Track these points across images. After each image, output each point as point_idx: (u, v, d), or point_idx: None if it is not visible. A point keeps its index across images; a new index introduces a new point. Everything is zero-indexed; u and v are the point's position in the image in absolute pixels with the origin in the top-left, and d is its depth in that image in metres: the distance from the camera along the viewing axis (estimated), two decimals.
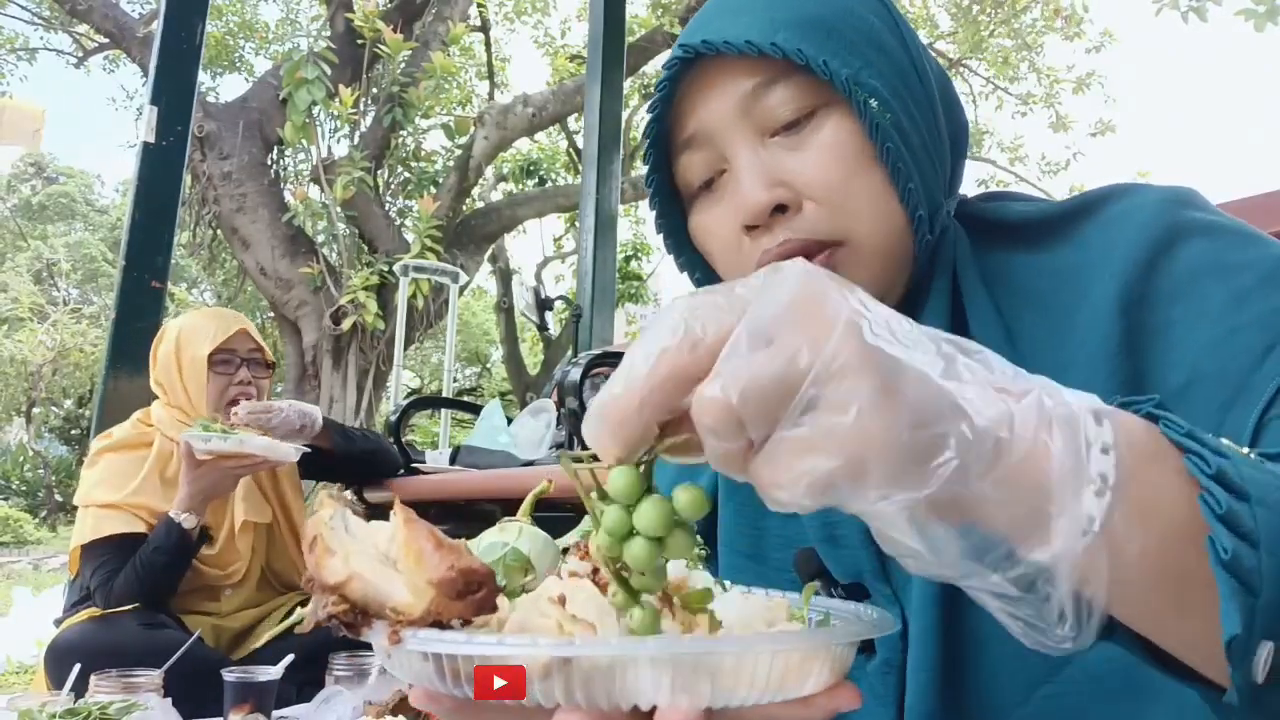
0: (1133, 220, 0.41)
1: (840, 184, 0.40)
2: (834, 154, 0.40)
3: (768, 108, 0.41)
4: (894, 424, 0.21)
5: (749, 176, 0.41)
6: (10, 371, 9.61)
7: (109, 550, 1.28)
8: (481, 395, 9.87)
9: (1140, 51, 17.34)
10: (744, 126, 0.41)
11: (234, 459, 1.26)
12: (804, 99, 0.40)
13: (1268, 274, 0.38)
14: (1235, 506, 0.24)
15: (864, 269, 0.41)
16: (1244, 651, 0.24)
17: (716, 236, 0.43)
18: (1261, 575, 0.23)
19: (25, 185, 14.23)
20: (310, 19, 7.28)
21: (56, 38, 7.79)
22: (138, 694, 0.97)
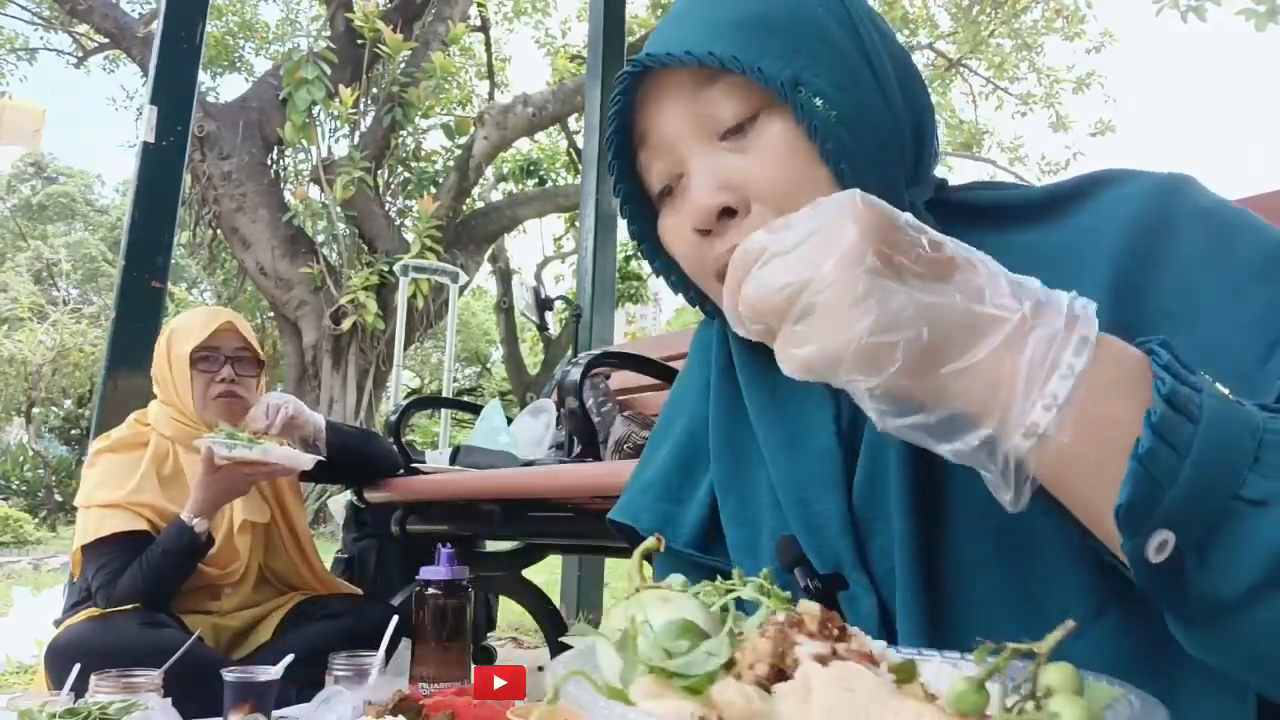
0: (1125, 206, 0.40)
1: (785, 185, 0.40)
2: (776, 156, 0.40)
3: (712, 112, 0.42)
4: (859, 332, 0.29)
5: (698, 181, 0.42)
6: (10, 371, 9.61)
7: (111, 549, 1.28)
8: (481, 395, 9.87)
9: (1140, 51, 17.32)
10: (694, 132, 0.42)
11: (252, 466, 1.27)
12: (746, 102, 0.41)
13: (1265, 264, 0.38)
14: (1173, 420, 0.28)
15: None
16: (1132, 526, 0.29)
17: (679, 240, 0.44)
18: (1175, 478, 0.28)
19: (25, 185, 14.24)
20: (310, 19, 7.28)
21: (56, 38, 7.80)
22: (138, 694, 0.97)
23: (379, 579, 1.76)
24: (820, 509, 0.43)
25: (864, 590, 0.42)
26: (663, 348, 1.70)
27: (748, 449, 0.47)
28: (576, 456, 1.40)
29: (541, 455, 1.66)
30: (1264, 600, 0.29)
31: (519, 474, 1.48)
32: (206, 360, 1.36)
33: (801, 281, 0.30)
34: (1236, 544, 0.29)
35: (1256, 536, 0.28)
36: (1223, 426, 0.29)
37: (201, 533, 1.27)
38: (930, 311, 0.29)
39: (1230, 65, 59.26)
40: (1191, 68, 60.47)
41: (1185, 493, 0.28)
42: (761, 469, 0.46)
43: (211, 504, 1.28)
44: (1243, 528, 0.28)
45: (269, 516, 1.43)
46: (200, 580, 1.34)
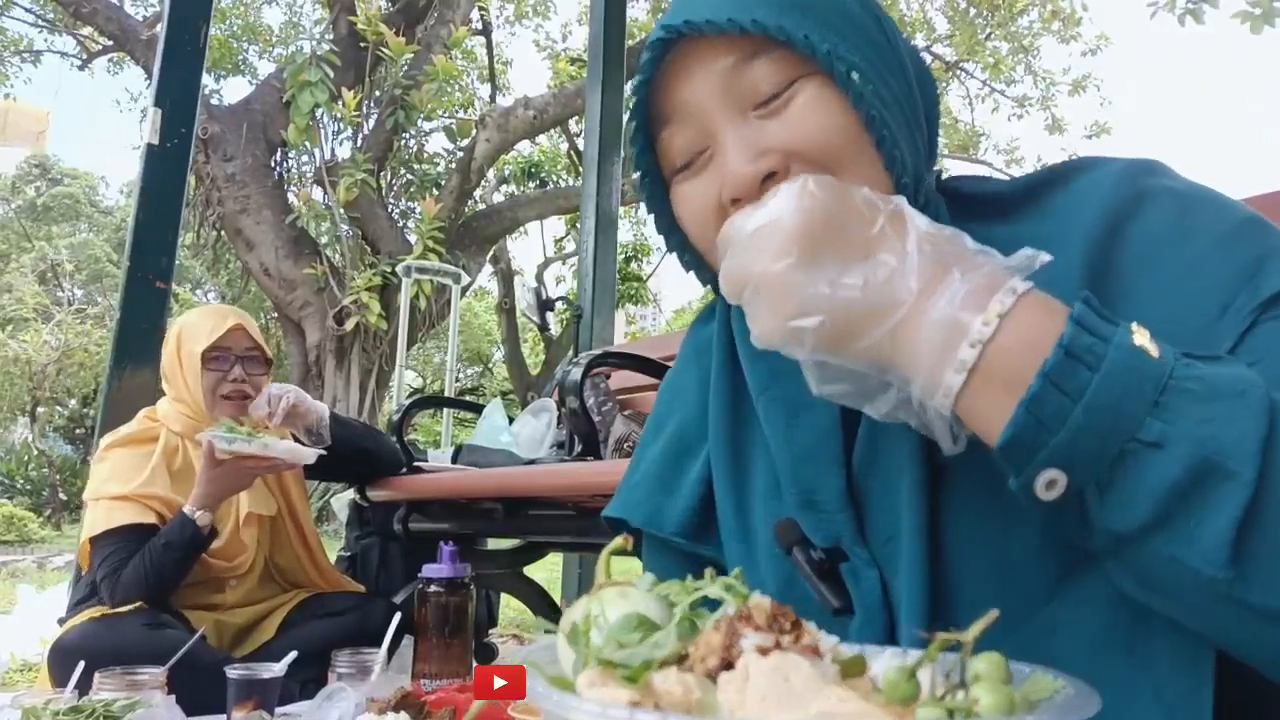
0: (1096, 191, 0.41)
1: (825, 142, 0.40)
2: (817, 116, 0.41)
3: (749, 83, 0.41)
4: (781, 319, 0.35)
5: (735, 152, 0.41)
6: (15, 371, 9.64)
7: (119, 540, 1.29)
8: (483, 395, 9.88)
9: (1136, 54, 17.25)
10: (726, 104, 0.42)
11: (254, 460, 1.27)
12: (784, 72, 0.41)
13: (1224, 236, 0.39)
14: (1069, 368, 0.31)
15: None
16: (1013, 464, 0.32)
17: (695, 211, 0.44)
18: (1064, 421, 0.31)
19: (30, 186, 14.29)
20: (313, 22, 7.31)
21: (61, 40, 7.83)
22: (141, 692, 0.98)
23: (381, 577, 1.77)
24: (820, 485, 0.43)
25: (865, 564, 0.42)
26: (663, 348, 1.70)
27: (749, 433, 0.48)
28: (577, 455, 1.41)
29: (542, 454, 1.67)
30: (1154, 535, 0.30)
31: (520, 473, 1.49)
32: (217, 360, 1.38)
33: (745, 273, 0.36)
34: (1131, 484, 0.30)
35: (1149, 476, 0.30)
36: (1125, 372, 0.31)
37: (204, 526, 1.28)
38: (831, 302, 0.34)
39: (1226, 67, 59.29)
40: (1188, 70, 60.50)
41: (1076, 434, 0.30)
42: (761, 454, 0.47)
43: (214, 497, 1.28)
44: (1138, 468, 0.30)
45: (275, 510, 1.44)
46: (206, 572, 1.35)
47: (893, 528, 0.41)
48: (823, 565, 0.42)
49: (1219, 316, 0.37)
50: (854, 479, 0.43)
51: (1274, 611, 0.29)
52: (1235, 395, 0.30)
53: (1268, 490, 0.29)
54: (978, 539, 0.40)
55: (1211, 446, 0.29)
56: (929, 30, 7.14)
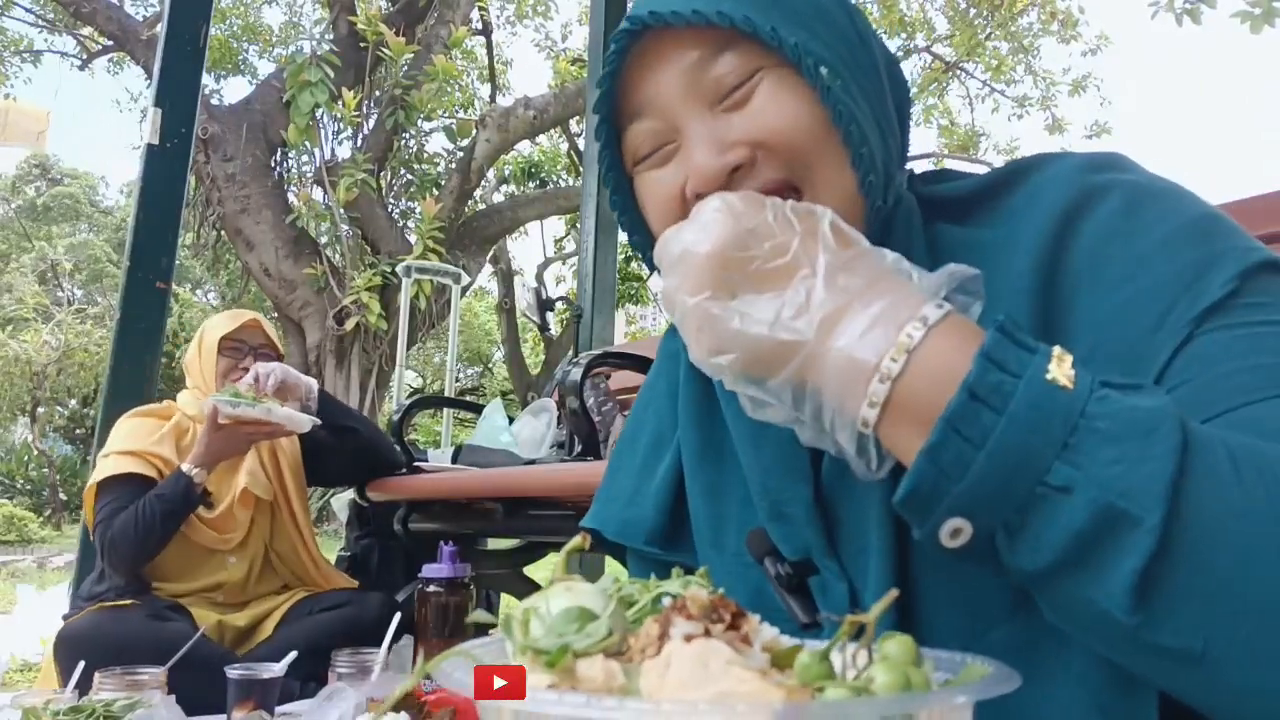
0: (1048, 191, 0.41)
1: (790, 134, 0.40)
2: (782, 107, 0.40)
3: (715, 76, 0.40)
4: (701, 353, 0.36)
5: (701, 145, 0.40)
6: (15, 371, 9.64)
7: (119, 488, 1.37)
8: (483, 395, 9.88)
9: (1136, 54, 17.24)
10: (692, 97, 0.41)
11: (253, 425, 1.36)
12: (750, 64, 0.40)
13: (1170, 234, 0.37)
14: (970, 411, 0.30)
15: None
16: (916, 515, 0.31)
17: (659, 200, 0.43)
18: (966, 469, 0.30)
19: (30, 186, 14.29)
20: (313, 22, 7.31)
21: (61, 40, 7.83)
22: (141, 691, 0.98)
23: (382, 577, 1.77)
24: (788, 497, 0.43)
25: (835, 577, 0.42)
26: None
27: (722, 439, 0.47)
28: (577, 455, 1.41)
29: (542, 454, 1.67)
30: (1063, 577, 0.30)
31: (520, 473, 1.49)
32: (233, 349, 1.51)
33: (671, 301, 0.37)
34: (1039, 527, 0.30)
35: (1056, 521, 0.29)
36: (1032, 414, 0.30)
37: (199, 483, 1.36)
38: (741, 341, 0.34)
39: (1226, 67, 59.27)
40: (1187, 70, 60.47)
41: (978, 482, 0.30)
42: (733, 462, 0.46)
43: (212, 457, 1.37)
44: (1045, 512, 0.29)
45: (272, 495, 1.51)
46: (201, 540, 1.42)
47: (863, 540, 0.41)
48: (790, 580, 0.41)
49: (1156, 327, 0.36)
50: (823, 491, 0.43)
51: (1185, 653, 0.29)
52: (1145, 434, 0.29)
53: (1175, 533, 0.28)
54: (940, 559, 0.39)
55: (1117, 491, 0.28)
56: (929, 30, 7.14)
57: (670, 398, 0.51)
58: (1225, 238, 0.37)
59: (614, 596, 0.29)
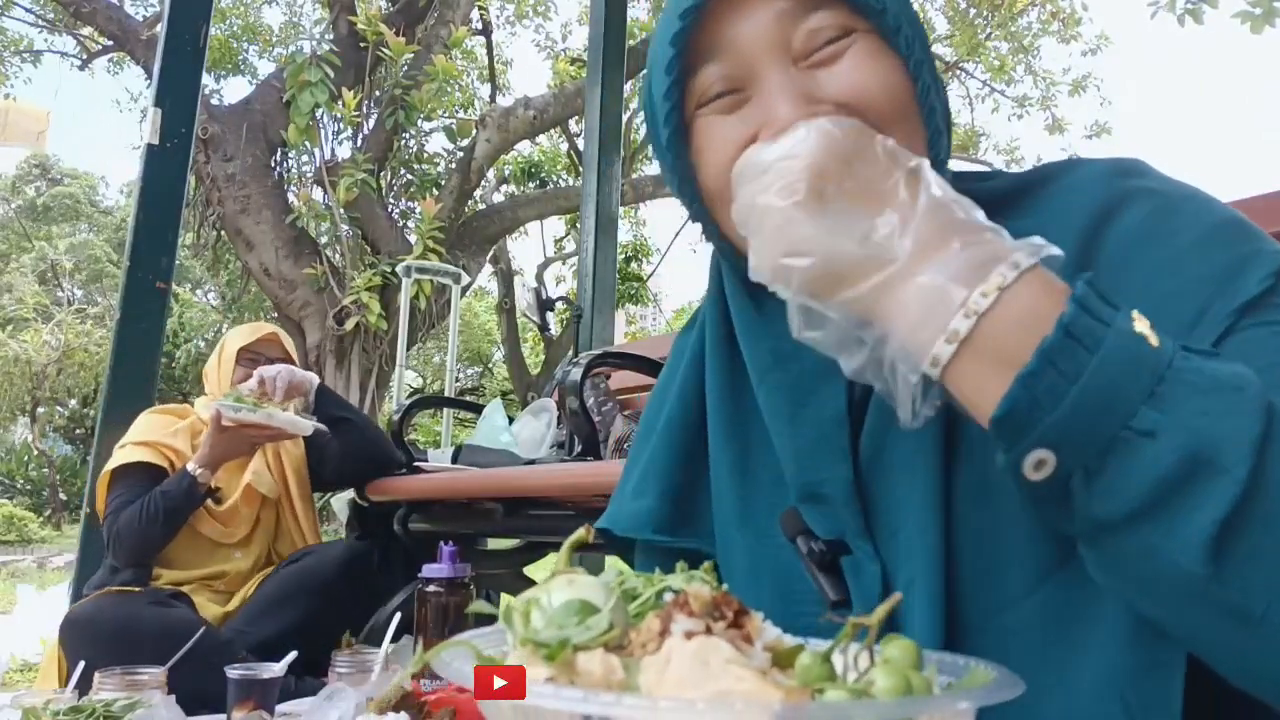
0: (1077, 194, 0.41)
1: (876, 97, 0.39)
2: (872, 71, 0.40)
3: (807, 30, 0.40)
4: (772, 254, 0.35)
5: (783, 97, 0.39)
6: (15, 371, 9.64)
7: (129, 479, 1.43)
8: (483, 395, 9.88)
9: (1137, 54, 17.25)
10: (777, 49, 0.40)
11: (255, 428, 1.42)
12: (842, 24, 0.40)
13: (1201, 237, 0.38)
14: (1067, 348, 0.30)
15: None
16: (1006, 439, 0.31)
17: (721, 147, 0.41)
18: (1059, 401, 0.30)
19: (30, 186, 14.28)
20: (313, 22, 7.31)
21: (61, 40, 7.83)
22: (141, 691, 0.98)
23: (381, 577, 1.77)
24: (826, 478, 0.42)
25: (868, 558, 0.41)
26: (663, 348, 1.70)
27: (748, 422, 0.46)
28: (577, 455, 1.41)
29: (542, 454, 1.67)
30: (1137, 525, 0.30)
31: (520, 473, 1.49)
32: (250, 361, 1.57)
33: (750, 205, 0.36)
34: (1120, 471, 0.30)
35: (1139, 465, 0.29)
36: (1123, 358, 0.30)
37: (202, 483, 1.41)
38: (825, 247, 0.33)
39: (1226, 67, 59.28)
40: (1188, 70, 60.48)
41: (1069, 415, 0.30)
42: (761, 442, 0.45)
43: (216, 459, 1.43)
44: (1128, 456, 0.30)
45: (276, 494, 1.56)
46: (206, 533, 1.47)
47: (899, 521, 0.41)
48: (824, 557, 0.41)
49: (1195, 323, 0.36)
50: (860, 472, 0.42)
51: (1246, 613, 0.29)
52: (1234, 390, 0.30)
53: (1257, 490, 0.28)
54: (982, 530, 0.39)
55: (1205, 440, 0.29)
56: (929, 30, 7.13)
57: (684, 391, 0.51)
58: (1255, 240, 0.38)
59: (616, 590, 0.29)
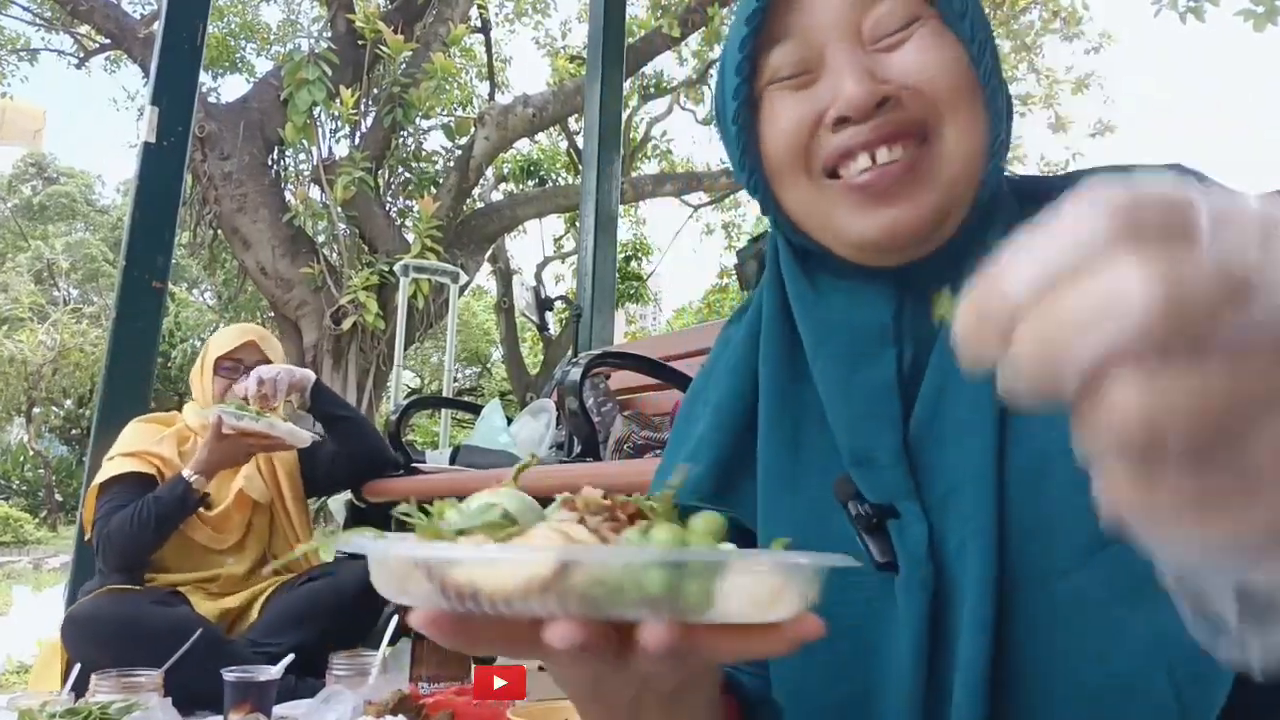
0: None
1: (940, 80, 0.41)
2: (937, 55, 0.41)
3: (875, 16, 0.41)
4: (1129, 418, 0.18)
5: (851, 74, 0.40)
6: (10, 371, 9.61)
7: (118, 488, 1.42)
8: (481, 395, 9.87)
9: (1140, 52, 17.32)
10: (847, 33, 0.42)
11: (254, 437, 1.41)
12: (910, 10, 0.41)
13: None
14: None
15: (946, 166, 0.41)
16: None
17: (791, 121, 0.43)
18: None
19: (26, 185, 14.24)
20: (311, 20, 7.29)
21: (58, 38, 7.80)
22: (138, 694, 0.97)
23: None
24: (875, 444, 0.43)
25: (915, 518, 0.41)
26: (663, 348, 1.70)
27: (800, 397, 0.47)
28: (577, 456, 1.40)
29: (542, 455, 1.66)
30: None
31: None
32: (229, 369, 1.54)
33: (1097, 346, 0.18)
34: None
35: None
36: None
37: (197, 489, 1.40)
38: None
39: (1229, 65, 59.37)
40: (1191, 68, 60.52)
41: None
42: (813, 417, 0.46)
43: (212, 466, 1.42)
44: None
45: (268, 499, 1.55)
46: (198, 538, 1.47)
47: (950, 486, 0.41)
48: (870, 520, 0.41)
49: None
50: (910, 436, 0.43)
51: None
52: None
53: None
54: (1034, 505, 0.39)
55: None
56: None
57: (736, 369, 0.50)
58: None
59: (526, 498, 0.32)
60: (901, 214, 0.41)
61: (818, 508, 0.45)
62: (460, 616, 0.27)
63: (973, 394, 0.40)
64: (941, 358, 0.42)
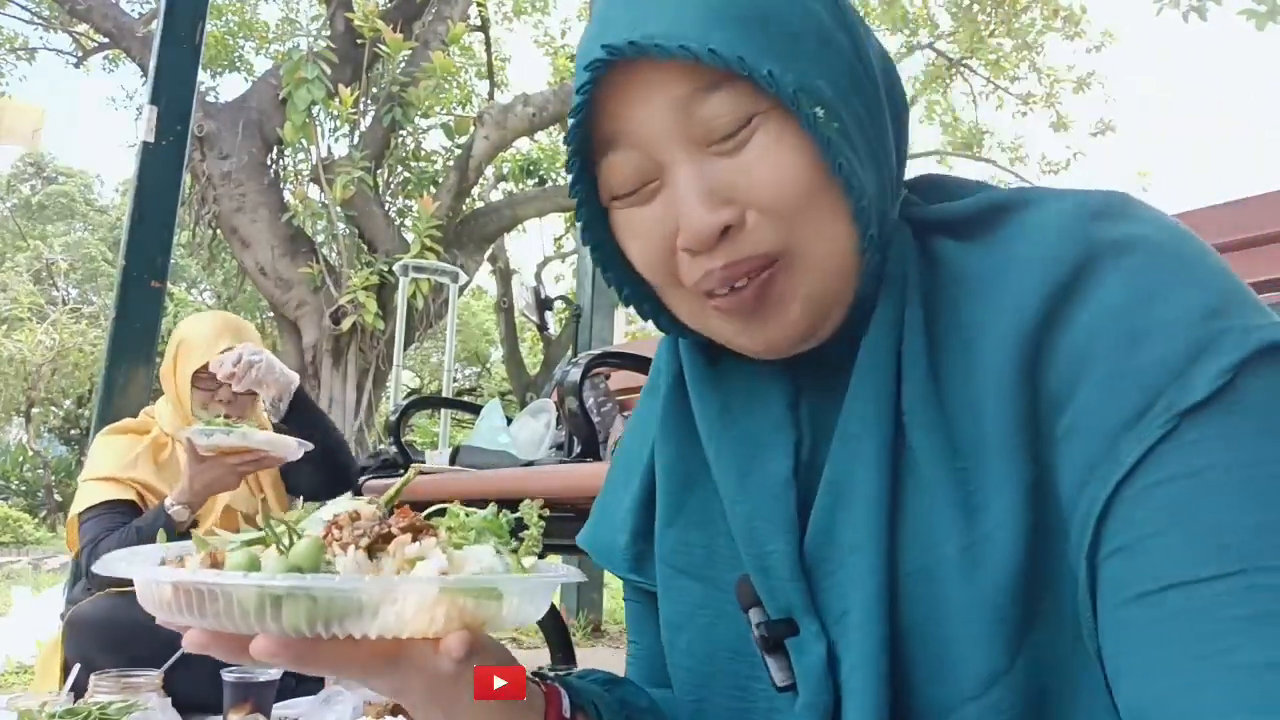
0: (1044, 242, 0.36)
1: (788, 192, 0.37)
2: (779, 162, 0.37)
3: (705, 118, 0.37)
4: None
5: (692, 195, 0.37)
6: (9, 371, 9.60)
7: (100, 513, 1.35)
8: (481, 395, 9.87)
9: (1141, 51, 17.30)
10: (679, 136, 0.37)
11: (237, 454, 1.27)
12: (744, 107, 0.36)
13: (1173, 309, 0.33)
14: None
15: (805, 282, 0.38)
16: None
17: (646, 244, 0.39)
18: None
19: (25, 185, 14.22)
20: (310, 19, 7.27)
21: (56, 37, 7.80)
22: (138, 694, 0.97)
23: None
24: (771, 549, 0.40)
25: (814, 638, 0.39)
26: None
27: (706, 471, 0.44)
28: (576, 457, 1.40)
29: (541, 455, 1.66)
30: None
31: (518, 474, 1.48)
32: (207, 380, 1.38)
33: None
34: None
35: None
36: None
37: (180, 521, 1.28)
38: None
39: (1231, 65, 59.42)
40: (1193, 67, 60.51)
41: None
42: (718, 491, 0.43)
43: (198, 495, 1.29)
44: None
45: (255, 509, 1.48)
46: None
47: (845, 602, 0.38)
48: (768, 641, 0.39)
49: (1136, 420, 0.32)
50: (807, 544, 0.39)
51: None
52: None
53: None
54: (930, 620, 0.37)
55: None
56: (932, 27, 7.13)
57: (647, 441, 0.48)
58: (1229, 315, 0.32)
59: (311, 512, 0.37)
60: (774, 331, 0.39)
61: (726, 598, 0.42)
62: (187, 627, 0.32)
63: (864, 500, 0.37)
64: (839, 454, 0.39)
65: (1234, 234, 1.07)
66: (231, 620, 0.30)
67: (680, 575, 0.44)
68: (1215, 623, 0.29)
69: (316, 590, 0.30)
